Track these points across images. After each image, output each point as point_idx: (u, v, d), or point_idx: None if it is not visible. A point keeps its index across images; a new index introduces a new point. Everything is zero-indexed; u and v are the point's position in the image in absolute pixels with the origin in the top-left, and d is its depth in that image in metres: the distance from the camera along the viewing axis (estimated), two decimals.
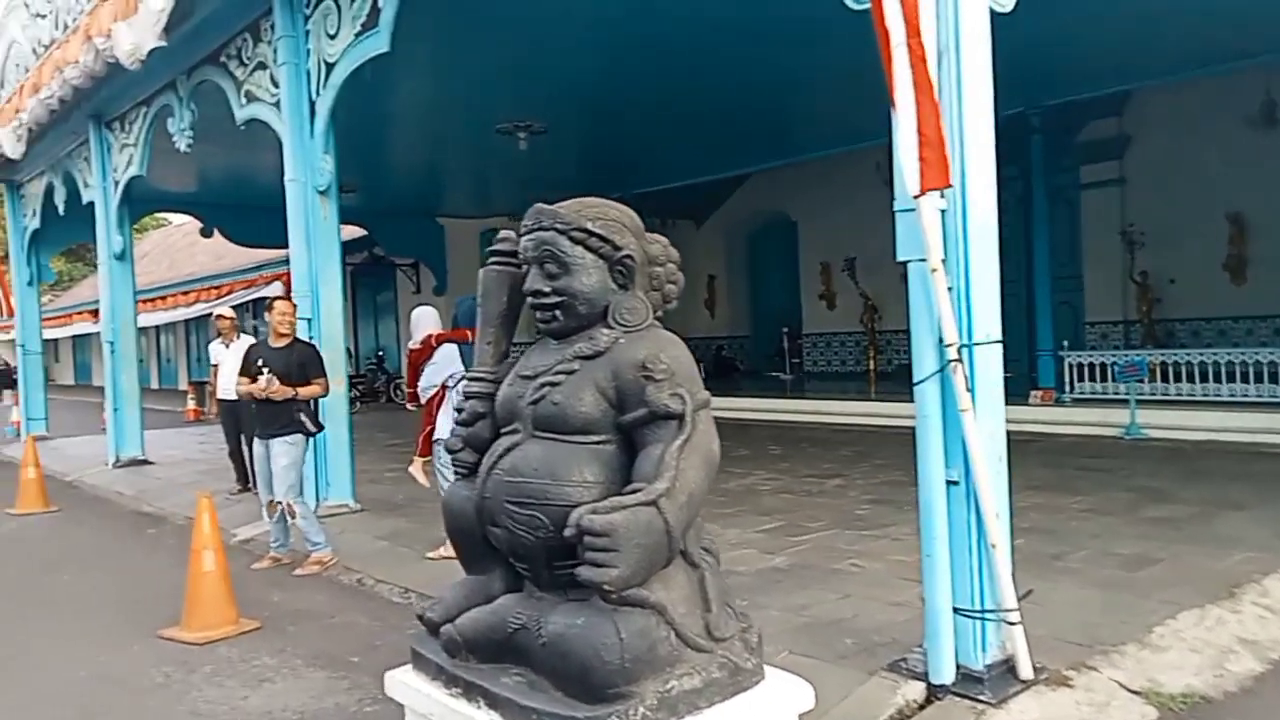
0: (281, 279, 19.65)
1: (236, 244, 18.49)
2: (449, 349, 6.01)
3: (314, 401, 6.57)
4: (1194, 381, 10.73)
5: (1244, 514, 6.38)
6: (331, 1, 7.37)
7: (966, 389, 3.49)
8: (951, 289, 3.51)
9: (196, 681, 4.38)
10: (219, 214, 16.86)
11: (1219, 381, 10.49)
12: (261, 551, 6.76)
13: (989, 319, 3.61)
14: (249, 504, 7.89)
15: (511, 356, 2.94)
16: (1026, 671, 3.61)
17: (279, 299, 6.71)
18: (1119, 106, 13.32)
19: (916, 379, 3.63)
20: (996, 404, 3.66)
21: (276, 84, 7.98)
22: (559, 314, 2.64)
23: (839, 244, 17.72)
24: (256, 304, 20.36)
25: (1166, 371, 10.98)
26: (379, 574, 6.02)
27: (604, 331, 2.60)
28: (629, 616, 2.29)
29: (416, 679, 2.73)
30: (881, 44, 3.37)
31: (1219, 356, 10.64)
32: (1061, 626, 4.16)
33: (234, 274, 23.03)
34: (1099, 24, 8.67)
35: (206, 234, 17.98)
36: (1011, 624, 3.61)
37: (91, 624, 5.45)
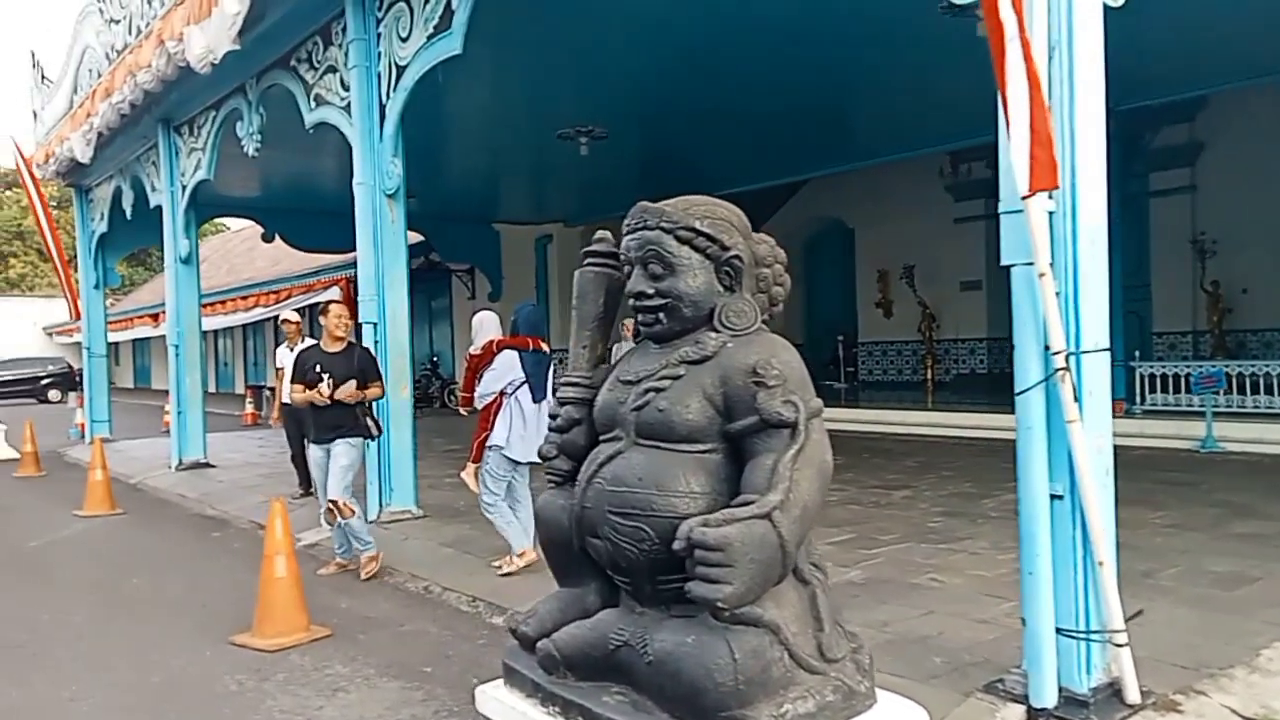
0: (339, 283, 19.83)
1: (296, 248, 18.67)
2: (509, 355, 5.93)
3: (373, 404, 6.55)
4: (1272, 394, 10.39)
5: None
6: (404, 3, 7.34)
7: (1074, 399, 3.33)
8: (1058, 294, 3.35)
9: (270, 690, 4.33)
10: (280, 219, 17.07)
11: None
12: (326, 557, 6.74)
13: (1097, 326, 3.44)
14: (311, 508, 7.89)
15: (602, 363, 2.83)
16: (1134, 696, 3.44)
17: (333, 303, 6.69)
18: (1192, 112, 13.01)
19: (1019, 388, 3.47)
20: (1104, 415, 3.49)
21: (346, 87, 7.99)
22: (662, 316, 2.54)
23: (898, 252, 17.51)
24: (313, 309, 20.55)
25: (1243, 383, 10.67)
26: (445, 581, 5.95)
27: (711, 335, 2.49)
28: (742, 636, 2.18)
29: (510, 695, 2.64)
30: (993, 39, 3.23)
31: None
32: (1162, 648, 3.97)
33: (292, 279, 23.27)
34: (1178, 26, 8.39)
35: (268, 239, 18.15)
36: (1119, 645, 3.43)
37: (163, 628, 5.43)
